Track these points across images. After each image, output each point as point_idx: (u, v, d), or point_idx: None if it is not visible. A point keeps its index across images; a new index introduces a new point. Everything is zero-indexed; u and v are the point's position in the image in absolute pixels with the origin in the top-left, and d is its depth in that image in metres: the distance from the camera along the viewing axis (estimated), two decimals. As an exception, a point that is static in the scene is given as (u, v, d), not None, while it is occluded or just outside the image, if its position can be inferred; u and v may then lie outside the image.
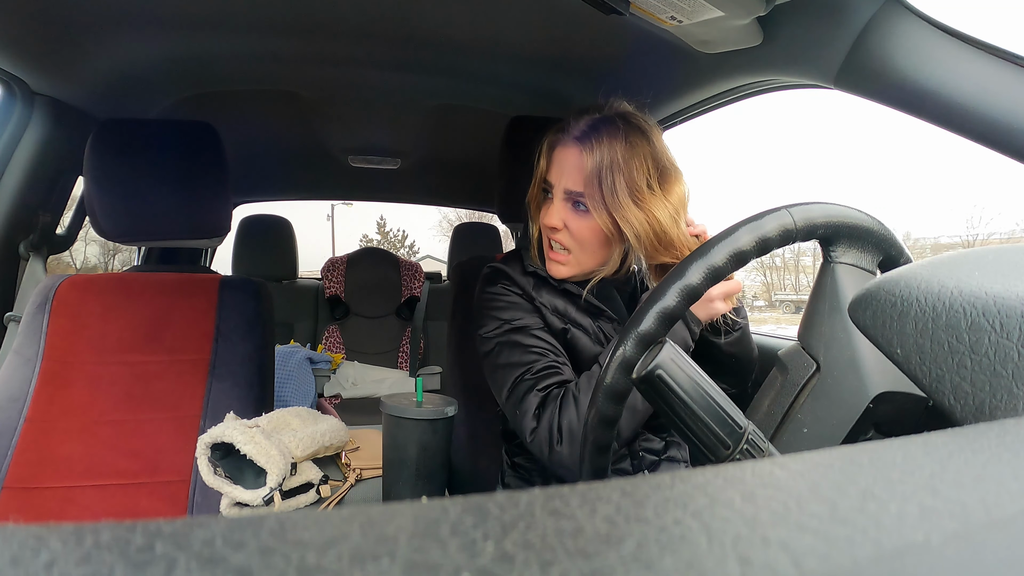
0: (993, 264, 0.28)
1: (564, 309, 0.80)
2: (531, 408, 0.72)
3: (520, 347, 0.77)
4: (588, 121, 0.75)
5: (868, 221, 0.46)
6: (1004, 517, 0.13)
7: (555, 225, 0.76)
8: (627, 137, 0.72)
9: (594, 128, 0.74)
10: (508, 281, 0.82)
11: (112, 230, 0.93)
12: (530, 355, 0.76)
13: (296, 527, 0.12)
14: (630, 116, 0.75)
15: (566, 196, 0.76)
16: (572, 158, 0.75)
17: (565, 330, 0.79)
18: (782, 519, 0.13)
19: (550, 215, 0.77)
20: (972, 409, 0.25)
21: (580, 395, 0.70)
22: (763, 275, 17.02)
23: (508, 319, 0.79)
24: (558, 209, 0.76)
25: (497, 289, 0.82)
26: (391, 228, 22.54)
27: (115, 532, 0.11)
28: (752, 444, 0.40)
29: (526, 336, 0.77)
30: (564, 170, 0.76)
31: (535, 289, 0.81)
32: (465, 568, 0.10)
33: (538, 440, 0.71)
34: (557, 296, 0.81)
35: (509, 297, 0.81)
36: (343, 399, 1.95)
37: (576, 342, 0.79)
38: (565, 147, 0.76)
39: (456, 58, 1.14)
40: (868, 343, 0.33)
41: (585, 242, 0.76)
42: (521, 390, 0.74)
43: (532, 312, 0.80)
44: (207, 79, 1.22)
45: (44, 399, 0.90)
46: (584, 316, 0.80)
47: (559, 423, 0.70)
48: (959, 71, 0.62)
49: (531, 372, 0.75)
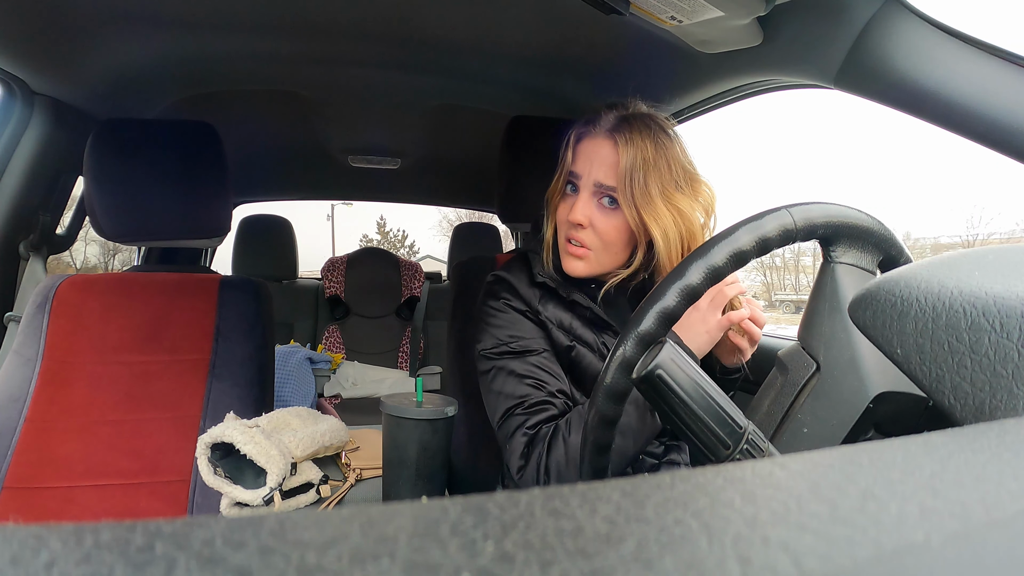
0: (993, 264, 0.28)
1: (570, 324, 0.78)
2: (519, 448, 0.71)
3: (515, 376, 0.74)
4: (620, 115, 0.74)
5: (868, 221, 0.46)
6: (1004, 517, 0.13)
7: (581, 222, 0.74)
8: (657, 136, 0.72)
9: (627, 123, 0.73)
10: (511, 294, 0.80)
11: (112, 230, 0.93)
12: (523, 387, 0.74)
13: (296, 527, 0.12)
14: (657, 117, 0.75)
15: (596, 190, 0.74)
16: (605, 150, 0.73)
17: (571, 347, 0.77)
18: (782, 519, 0.13)
19: (576, 211, 0.74)
20: (972, 409, 0.25)
21: (570, 434, 0.68)
22: (763, 275, 17.02)
23: (506, 340, 0.77)
24: (585, 204, 0.74)
25: (499, 304, 0.79)
26: (391, 228, 22.54)
27: (115, 532, 0.11)
28: (752, 444, 0.40)
29: (522, 363, 0.75)
30: (595, 162, 0.74)
31: (541, 302, 0.79)
32: (465, 568, 0.10)
33: (526, 479, 0.70)
34: (564, 309, 0.79)
35: (508, 315, 0.78)
36: (343, 399, 1.95)
37: (581, 360, 0.77)
38: (596, 139, 0.74)
39: (456, 58, 1.14)
40: (868, 343, 0.33)
41: (610, 241, 0.74)
42: (511, 426, 0.73)
43: (534, 330, 0.78)
44: (207, 79, 1.22)
45: (44, 399, 0.90)
46: (589, 330, 0.78)
47: (546, 464, 0.68)
48: (959, 71, 0.62)
49: (522, 407, 0.73)
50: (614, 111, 0.76)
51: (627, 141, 0.71)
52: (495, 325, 0.79)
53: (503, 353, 0.77)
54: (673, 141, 0.74)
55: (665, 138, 0.73)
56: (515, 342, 0.77)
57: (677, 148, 0.74)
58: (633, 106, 0.77)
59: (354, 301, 2.18)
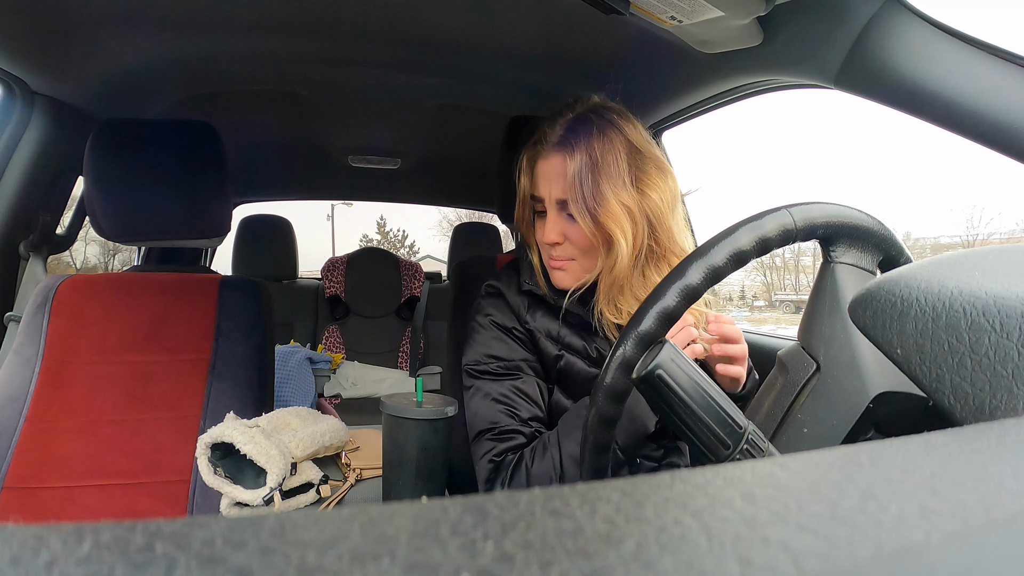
0: (993, 264, 0.28)
1: (558, 333, 0.78)
2: (484, 474, 0.73)
3: (489, 400, 0.76)
4: (563, 125, 0.74)
5: (868, 221, 0.46)
6: (1004, 517, 0.13)
7: (555, 240, 0.74)
8: (601, 130, 0.71)
9: (570, 130, 0.72)
10: (498, 308, 0.80)
11: (112, 230, 0.93)
12: (496, 412, 0.75)
13: (296, 527, 0.12)
14: (601, 108, 0.74)
15: (560, 206, 0.74)
16: (556, 166, 0.73)
17: (559, 356, 0.78)
18: (782, 519, 0.13)
19: (547, 231, 0.75)
20: (972, 409, 0.25)
21: (533, 463, 0.70)
22: (763, 275, 17.03)
23: (485, 360, 0.78)
24: (554, 223, 0.74)
25: (484, 321, 0.80)
26: (391, 228, 22.54)
27: (115, 532, 0.11)
28: (752, 444, 0.40)
29: (499, 385, 0.76)
30: (552, 181, 0.74)
31: (530, 311, 0.79)
32: (465, 568, 0.10)
33: None
34: (552, 318, 0.79)
35: (491, 332, 0.79)
36: (343, 399, 1.95)
37: (571, 368, 0.77)
38: (547, 157, 0.74)
39: (456, 58, 1.14)
40: (868, 343, 0.33)
41: (589, 247, 0.74)
42: (480, 449, 0.75)
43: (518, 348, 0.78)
44: (207, 79, 1.22)
45: (44, 399, 0.90)
46: (577, 336, 0.78)
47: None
48: (959, 71, 0.62)
49: (492, 433, 0.74)
50: (558, 120, 0.75)
51: (574, 149, 0.71)
52: (478, 341, 0.80)
53: (483, 372, 0.78)
54: (617, 128, 0.72)
55: (609, 128, 0.71)
56: (495, 363, 0.78)
57: (622, 134, 0.72)
58: (582, 103, 0.75)
59: (354, 301, 2.18)
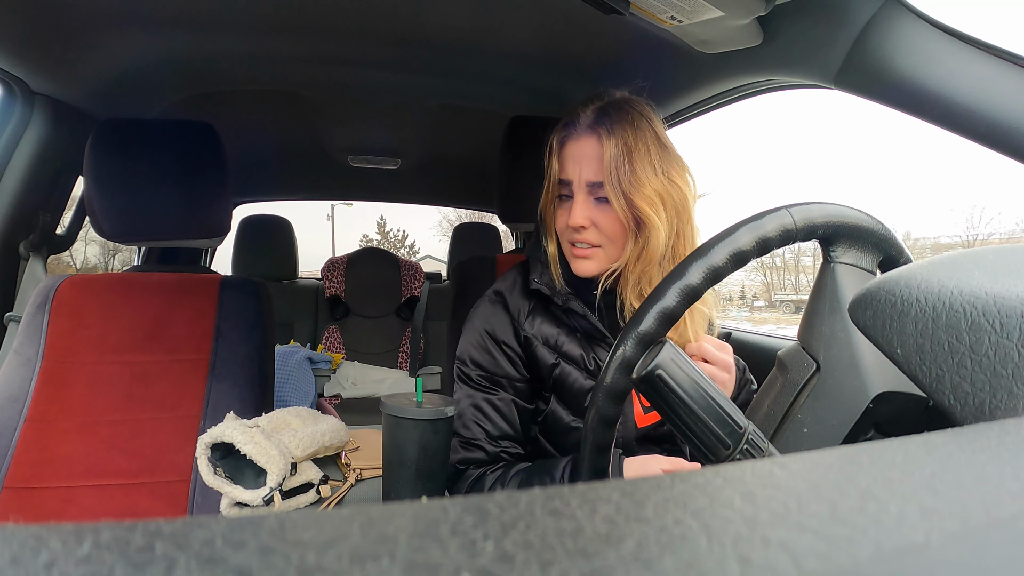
0: (993, 264, 0.28)
1: (556, 340, 0.78)
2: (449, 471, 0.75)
3: (469, 403, 0.78)
4: (596, 109, 0.74)
5: (868, 221, 0.46)
6: (1004, 517, 0.13)
7: (583, 224, 0.73)
8: (636, 121, 0.72)
9: (605, 113, 0.73)
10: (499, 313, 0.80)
11: (112, 230, 0.93)
12: (468, 417, 0.77)
13: (296, 527, 0.12)
14: (633, 100, 0.75)
15: (590, 189, 0.73)
16: (589, 148, 0.73)
17: (555, 364, 0.77)
18: (782, 519, 0.13)
19: (575, 215, 0.73)
20: (972, 409, 0.25)
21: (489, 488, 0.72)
22: (763, 275, 17.03)
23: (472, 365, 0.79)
24: (582, 206, 0.73)
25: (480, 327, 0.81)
26: (391, 228, 22.55)
27: (115, 532, 0.11)
28: (752, 444, 0.40)
29: (478, 396, 0.78)
30: (583, 163, 0.73)
31: (530, 316, 0.79)
32: (465, 568, 0.10)
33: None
34: (553, 324, 0.78)
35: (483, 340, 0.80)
36: (343, 399, 1.95)
37: (566, 378, 0.77)
38: (579, 139, 0.74)
39: (456, 58, 1.14)
40: (868, 343, 0.32)
41: (616, 234, 0.73)
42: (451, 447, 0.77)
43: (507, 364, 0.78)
44: (207, 79, 1.22)
45: (44, 399, 0.90)
46: (577, 345, 0.78)
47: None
48: (959, 71, 0.62)
49: (461, 439, 0.77)
50: (592, 105, 0.75)
51: (609, 132, 0.71)
52: (474, 345, 0.80)
53: (466, 376, 0.80)
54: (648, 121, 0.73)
55: (643, 121, 0.73)
56: (476, 370, 0.79)
57: (656, 128, 0.74)
58: (608, 95, 0.76)
59: (354, 301, 2.18)
